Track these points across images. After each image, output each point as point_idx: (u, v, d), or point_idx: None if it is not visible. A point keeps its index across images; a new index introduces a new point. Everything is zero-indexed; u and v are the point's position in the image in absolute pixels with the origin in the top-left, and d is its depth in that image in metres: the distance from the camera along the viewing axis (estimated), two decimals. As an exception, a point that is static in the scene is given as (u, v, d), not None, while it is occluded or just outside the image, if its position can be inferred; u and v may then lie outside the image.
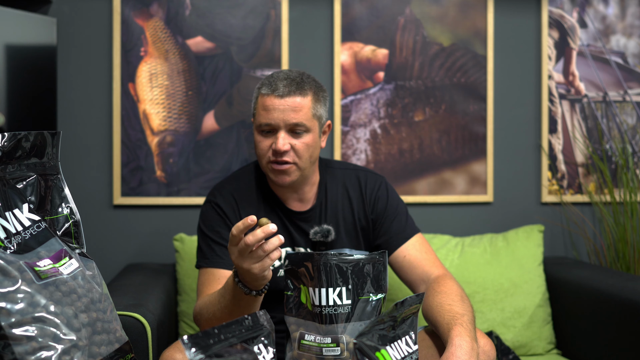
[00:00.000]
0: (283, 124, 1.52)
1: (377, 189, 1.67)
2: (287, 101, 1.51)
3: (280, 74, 1.56)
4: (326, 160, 1.73)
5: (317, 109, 1.56)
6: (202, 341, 0.88)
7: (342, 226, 1.64)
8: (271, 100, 1.52)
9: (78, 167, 2.23)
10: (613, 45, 2.47)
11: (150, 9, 2.24)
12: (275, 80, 1.54)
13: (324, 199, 1.65)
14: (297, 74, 1.56)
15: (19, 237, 1.12)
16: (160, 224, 2.26)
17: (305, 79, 1.56)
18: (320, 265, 1.39)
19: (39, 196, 1.20)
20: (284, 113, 1.51)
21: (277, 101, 1.51)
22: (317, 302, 1.40)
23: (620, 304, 1.80)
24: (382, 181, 1.69)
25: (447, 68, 2.37)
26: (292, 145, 1.53)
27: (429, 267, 1.58)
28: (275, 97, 1.51)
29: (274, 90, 1.52)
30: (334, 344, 1.39)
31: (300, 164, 1.55)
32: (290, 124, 1.52)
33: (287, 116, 1.51)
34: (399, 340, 1.23)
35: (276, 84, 1.53)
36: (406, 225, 1.65)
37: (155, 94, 2.24)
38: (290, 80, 1.53)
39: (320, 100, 1.57)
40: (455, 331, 1.33)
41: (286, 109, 1.51)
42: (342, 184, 1.68)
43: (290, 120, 1.51)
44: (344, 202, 1.66)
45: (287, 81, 1.53)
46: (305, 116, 1.52)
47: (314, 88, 1.56)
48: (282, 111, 1.51)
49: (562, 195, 2.44)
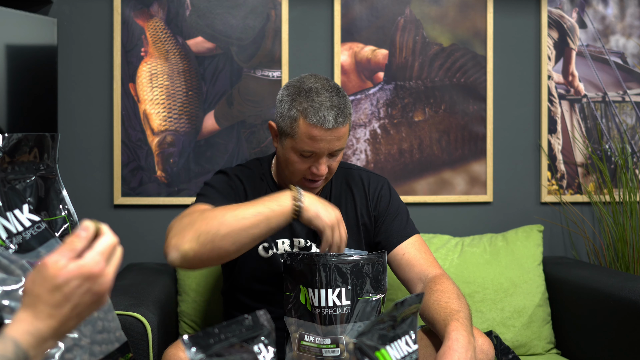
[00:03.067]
0: (328, 151, 1.53)
1: (380, 188, 1.71)
2: (334, 132, 1.51)
3: (324, 101, 1.50)
4: None
5: (349, 128, 1.59)
6: (203, 341, 0.88)
7: (345, 220, 1.65)
8: (319, 132, 1.49)
9: (78, 167, 2.23)
10: (612, 45, 2.47)
11: (151, 9, 2.24)
12: (321, 108, 1.49)
13: (328, 194, 1.68)
14: (338, 98, 1.52)
15: (20, 237, 1.13)
16: (160, 224, 2.26)
17: (346, 102, 1.54)
18: (319, 266, 1.40)
19: (38, 197, 1.20)
20: (330, 143, 1.51)
21: (325, 133, 1.50)
22: (317, 303, 1.40)
23: (620, 303, 1.80)
24: (385, 181, 1.73)
25: (447, 68, 2.37)
26: (329, 166, 1.56)
27: (426, 266, 1.59)
28: (323, 130, 1.49)
29: (322, 122, 1.48)
30: (333, 345, 1.39)
31: (329, 177, 1.60)
32: (333, 150, 1.54)
33: (332, 145, 1.52)
34: (399, 340, 1.23)
35: (323, 115, 1.49)
36: (407, 224, 1.68)
37: (156, 94, 2.25)
38: (336, 110, 1.50)
39: (351, 119, 1.62)
40: (452, 326, 1.35)
41: (333, 139, 1.51)
42: (346, 182, 1.71)
43: (334, 148, 1.53)
44: (347, 198, 1.69)
45: (334, 111, 1.49)
46: (345, 141, 1.55)
47: (349, 109, 1.55)
48: (328, 142, 1.51)
49: (562, 195, 2.44)
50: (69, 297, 0.80)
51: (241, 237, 1.35)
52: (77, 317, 0.81)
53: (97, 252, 0.82)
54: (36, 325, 0.79)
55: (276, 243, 1.63)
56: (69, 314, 0.80)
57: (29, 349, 0.78)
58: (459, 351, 1.30)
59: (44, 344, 0.80)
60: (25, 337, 0.78)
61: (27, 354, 0.78)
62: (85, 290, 0.80)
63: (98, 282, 0.81)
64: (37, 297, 0.79)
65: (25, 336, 0.78)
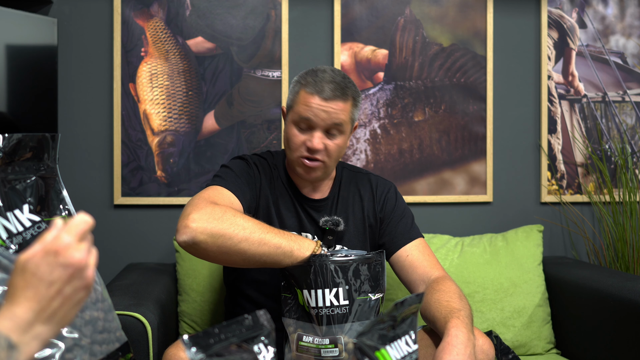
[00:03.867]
0: (323, 123, 1.55)
1: (387, 191, 1.74)
2: (330, 104, 1.54)
3: (326, 76, 1.57)
4: (342, 162, 1.80)
5: (353, 113, 1.60)
6: (203, 340, 0.88)
7: (352, 220, 1.69)
8: (315, 100, 1.55)
9: (79, 167, 2.23)
10: (612, 45, 2.47)
11: (151, 10, 2.24)
12: (322, 81, 1.56)
13: (337, 193, 1.71)
14: (342, 78, 1.59)
15: (20, 237, 1.13)
16: (160, 224, 2.26)
17: (349, 84, 1.59)
18: (316, 266, 1.40)
19: (38, 197, 1.20)
20: (325, 113, 1.55)
21: (321, 102, 1.54)
22: (314, 303, 1.40)
23: (620, 303, 1.80)
24: (392, 186, 1.77)
25: (447, 68, 2.37)
26: (326, 145, 1.57)
27: (429, 268, 1.60)
28: (320, 99, 1.54)
29: (320, 92, 1.54)
30: (332, 345, 1.39)
31: (328, 162, 1.60)
32: (329, 124, 1.56)
33: (327, 117, 1.55)
34: (399, 340, 1.23)
35: (322, 85, 1.55)
36: (411, 227, 1.70)
37: (156, 94, 2.25)
38: (336, 85, 1.56)
39: (357, 105, 1.62)
40: (452, 323, 1.35)
41: (329, 111, 1.55)
42: (355, 184, 1.74)
43: (329, 121, 1.55)
44: (355, 198, 1.71)
45: (333, 85, 1.55)
46: (343, 119, 1.57)
47: (354, 94, 1.60)
48: (323, 111, 1.55)
49: (562, 195, 2.44)
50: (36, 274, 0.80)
51: (254, 258, 1.38)
52: (59, 295, 0.81)
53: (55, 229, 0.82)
54: (13, 311, 0.79)
55: None
56: (45, 293, 0.80)
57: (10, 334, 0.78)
58: (458, 347, 1.31)
59: (29, 328, 0.79)
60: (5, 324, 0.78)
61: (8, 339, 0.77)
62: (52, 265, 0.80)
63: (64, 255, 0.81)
64: (11, 286, 0.80)
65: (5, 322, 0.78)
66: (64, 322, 0.83)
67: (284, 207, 1.65)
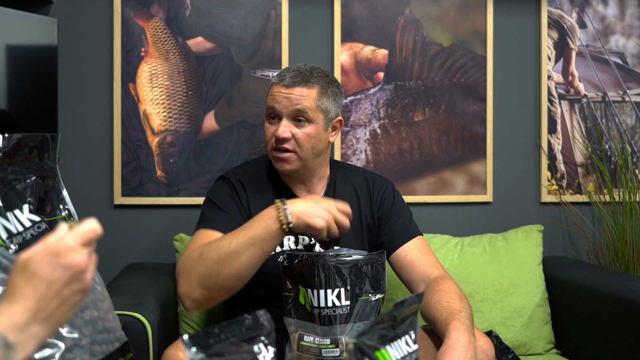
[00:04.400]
0: (286, 110, 1.57)
1: (384, 190, 1.72)
2: (291, 90, 1.58)
3: (292, 66, 1.64)
4: (338, 162, 1.79)
5: (322, 101, 1.60)
6: (203, 340, 0.88)
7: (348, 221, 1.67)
8: (278, 89, 1.59)
9: (78, 167, 2.23)
10: (612, 45, 2.47)
11: (151, 10, 2.24)
12: (285, 71, 1.62)
13: (332, 194, 1.69)
14: (308, 68, 1.63)
15: (20, 237, 1.13)
16: (160, 224, 2.26)
17: (316, 72, 1.61)
18: (318, 266, 1.40)
19: (38, 198, 1.20)
20: (287, 100, 1.57)
21: (283, 90, 1.58)
22: (316, 303, 1.40)
23: (620, 303, 1.80)
24: (389, 183, 1.75)
25: (447, 68, 2.37)
26: (294, 134, 1.58)
27: (429, 267, 1.59)
28: (281, 86, 1.59)
29: (282, 79, 1.59)
30: (333, 345, 1.39)
31: (300, 153, 1.59)
32: (292, 111, 1.57)
33: (289, 104, 1.57)
34: (399, 340, 1.23)
35: (285, 74, 1.60)
36: (410, 226, 1.68)
37: (156, 94, 2.25)
38: (297, 72, 1.60)
39: (328, 94, 1.61)
40: (453, 325, 1.35)
41: (290, 97, 1.57)
42: (351, 183, 1.72)
43: (292, 107, 1.57)
44: (352, 199, 1.69)
45: (295, 72, 1.60)
46: (307, 106, 1.57)
47: (322, 82, 1.61)
48: (285, 98, 1.57)
49: (562, 195, 2.44)
50: (36, 273, 0.79)
51: (241, 272, 1.39)
52: (57, 296, 0.81)
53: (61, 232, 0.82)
54: (11, 309, 0.79)
55: None
56: (44, 293, 0.80)
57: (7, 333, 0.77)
58: (459, 350, 1.30)
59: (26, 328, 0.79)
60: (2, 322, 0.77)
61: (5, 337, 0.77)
62: (53, 265, 0.80)
63: (66, 257, 0.81)
64: (10, 284, 0.80)
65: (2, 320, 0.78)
66: (60, 323, 0.83)
67: None
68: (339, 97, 1.65)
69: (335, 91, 1.63)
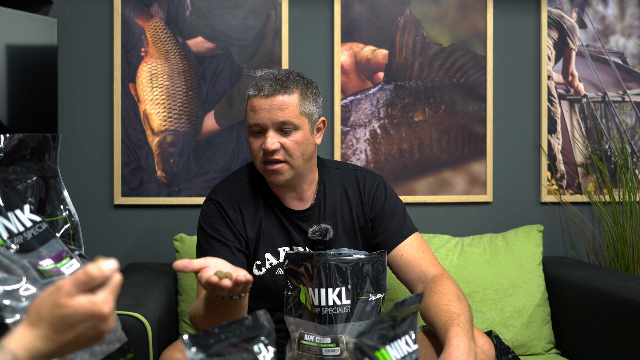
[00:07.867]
0: (270, 123, 1.53)
1: (376, 189, 1.67)
2: (272, 100, 1.52)
3: (267, 75, 1.58)
4: (323, 160, 1.73)
5: (305, 106, 1.56)
6: (203, 341, 0.88)
7: (341, 225, 1.65)
8: (257, 101, 1.53)
9: (79, 167, 2.24)
10: (612, 45, 2.47)
11: (151, 10, 2.24)
12: (262, 80, 1.56)
13: (323, 198, 1.66)
14: (284, 73, 1.57)
15: (21, 237, 1.13)
16: (160, 224, 2.26)
17: (293, 77, 1.56)
18: (319, 266, 1.40)
19: (39, 198, 1.20)
20: (270, 112, 1.52)
21: (263, 101, 1.53)
22: (317, 302, 1.40)
23: (619, 303, 1.80)
24: (380, 180, 1.70)
25: (447, 68, 2.37)
26: (282, 144, 1.54)
27: (426, 266, 1.58)
28: (261, 98, 1.53)
29: (260, 90, 1.54)
30: (333, 344, 1.39)
31: (292, 162, 1.55)
32: (277, 122, 1.52)
33: (273, 115, 1.52)
34: (399, 340, 1.23)
35: (262, 84, 1.54)
36: (404, 224, 1.65)
37: (156, 94, 2.25)
38: (275, 80, 1.54)
39: (308, 97, 1.57)
40: (453, 331, 1.34)
41: (272, 108, 1.52)
42: (341, 184, 1.68)
43: (276, 119, 1.52)
44: (342, 201, 1.66)
45: (272, 81, 1.54)
46: (292, 114, 1.53)
47: (301, 85, 1.56)
48: (268, 110, 1.52)
49: (562, 195, 2.44)
50: (73, 328, 0.81)
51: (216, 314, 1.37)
52: (75, 346, 0.83)
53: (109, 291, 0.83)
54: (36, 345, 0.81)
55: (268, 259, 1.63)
56: (68, 342, 0.82)
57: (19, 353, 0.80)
58: (460, 359, 1.30)
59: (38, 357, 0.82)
60: (23, 353, 0.80)
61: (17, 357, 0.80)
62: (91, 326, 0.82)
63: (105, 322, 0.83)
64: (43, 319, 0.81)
65: (23, 352, 0.80)
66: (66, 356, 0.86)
67: (271, 225, 1.62)
68: (318, 98, 1.62)
69: (314, 92, 1.60)
